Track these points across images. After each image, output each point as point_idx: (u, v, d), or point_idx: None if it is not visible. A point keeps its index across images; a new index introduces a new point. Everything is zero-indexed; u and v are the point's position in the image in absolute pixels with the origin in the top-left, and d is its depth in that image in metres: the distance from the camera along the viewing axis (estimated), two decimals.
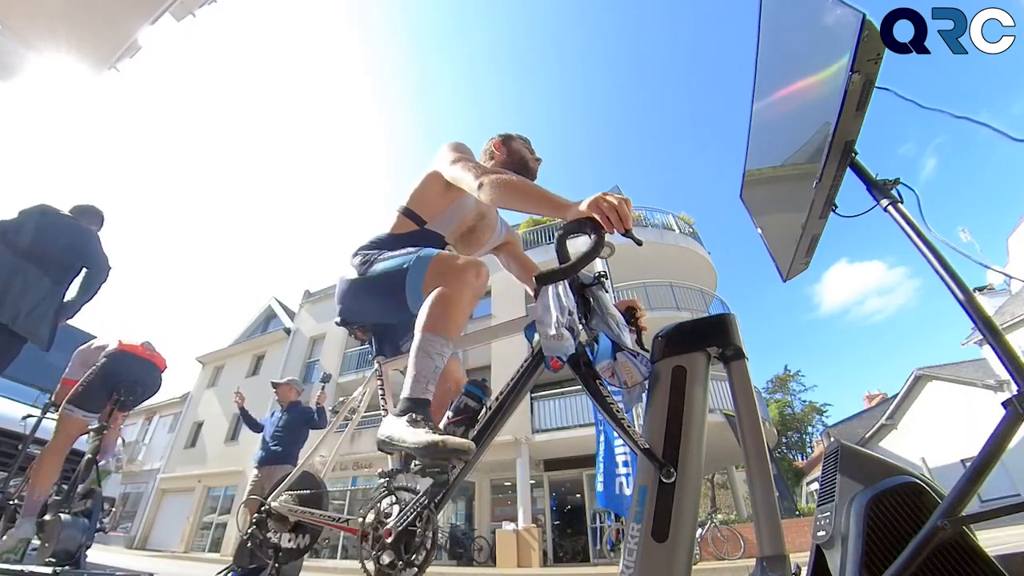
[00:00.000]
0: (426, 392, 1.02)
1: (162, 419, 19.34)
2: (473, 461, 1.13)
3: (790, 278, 1.35)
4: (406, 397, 1.01)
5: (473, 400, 1.29)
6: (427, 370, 1.02)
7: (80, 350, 3.03)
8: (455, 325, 1.07)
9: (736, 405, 0.99)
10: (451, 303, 1.07)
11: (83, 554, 2.36)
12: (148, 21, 2.92)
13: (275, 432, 3.94)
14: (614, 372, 1.08)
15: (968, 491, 0.69)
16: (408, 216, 1.38)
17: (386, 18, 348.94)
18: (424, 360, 1.02)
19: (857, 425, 20.25)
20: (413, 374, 1.02)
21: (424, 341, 1.04)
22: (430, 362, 1.02)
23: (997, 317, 12.77)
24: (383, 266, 1.22)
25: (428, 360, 1.02)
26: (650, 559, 0.88)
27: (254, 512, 1.55)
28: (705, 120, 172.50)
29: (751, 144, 1.50)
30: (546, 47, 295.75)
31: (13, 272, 2.41)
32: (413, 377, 1.02)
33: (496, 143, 1.51)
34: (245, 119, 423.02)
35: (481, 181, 1.13)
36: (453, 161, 1.26)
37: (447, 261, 1.13)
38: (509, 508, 10.39)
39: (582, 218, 0.96)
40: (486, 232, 1.49)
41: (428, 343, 1.04)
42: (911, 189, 0.92)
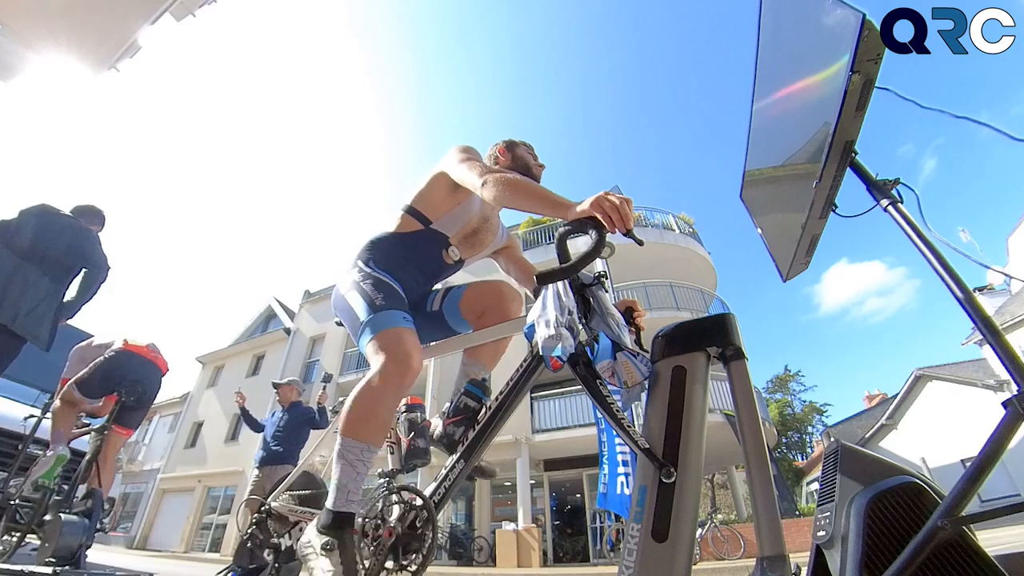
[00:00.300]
0: (348, 505, 1.01)
1: (162, 419, 19.34)
2: (473, 461, 1.13)
3: (790, 278, 1.35)
4: (328, 509, 1.00)
5: (473, 400, 1.30)
6: (349, 480, 1.01)
7: (78, 347, 3.03)
8: (377, 429, 1.05)
9: (736, 405, 0.99)
10: (372, 403, 1.04)
11: (83, 554, 2.36)
12: (148, 21, 2.92)
13: (276, 432, 3.95)
14: (614, 372, 1.08)
15: (968, 491, 0.69)
16: (413, 215, 1.38)
17: (386, 18, 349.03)
18: (346, 470, 1.01)
19: (857, 425, 20.26)
20: (335, 484, 1.01)
21: (344, 448, 1.03)
22: (351, 471, 1.01)
23: (997, 317, 12.77)
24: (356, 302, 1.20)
25: (350, 469, 1.01)
26: (650, 559, 0.88)
27: (254, 512, 1.55)
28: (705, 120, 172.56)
29: (751, 144, 1.50)
30: (546, 47, 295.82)
31: (13, 272, 2.42)
32: (335, 487, 1.01)
33: (500, 148, 1.53)
34: (245, 119, 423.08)
35: (485, 179, 1.14)
36: (459, 161, 1.28)
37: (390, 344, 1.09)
38: (509, 508, 10.39)
39: (583, 218, 0.96)
40: (488, 235, 1.50)
41: (348, 450, 1.03)
42: (911, 189, 0.92)
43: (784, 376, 32.29)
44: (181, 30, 3.08)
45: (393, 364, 1.06)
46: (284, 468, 3.62)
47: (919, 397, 15.53)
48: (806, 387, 35.02)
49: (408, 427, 1.38)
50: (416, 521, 1.04)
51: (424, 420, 1.39)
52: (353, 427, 1.04)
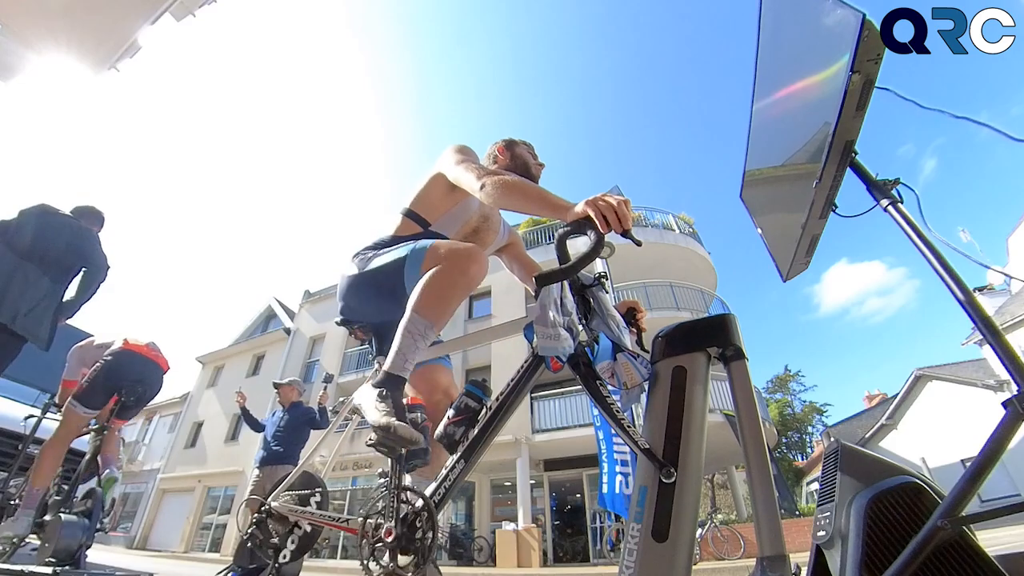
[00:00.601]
0: (403, 370, 1.05)
1: (162, 419, 19.34)
2: (473, 461, 1.13)
3: (790, 278, 1.35)
4: (384, 370, 1.05)
5: (473, 400, 1.29)
6: (409, 349, 1.05)
7: (77, 347, 3.02)
8: (444, 310, 1.09)
9: (736, 405, 0.99)
10: (444, 287, 1.07)
11: (83, 554, 2.36)
12: (148, 21, 2.92)
13: (276, 432, 3.95)
14: (614, 373, 1.08)
15: (968, 491, 0.69)
16: (411, 218, 1.38)
17: (386, 18, 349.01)
18: (407, 340, 1.06)
19: (857, 425, 20.26)
20: (395, 350, 1.05)
21: (411, 322, 1.06)
22: (412, 343, 1.05)
23: (997, 317, 12.77)
24: (381, 260, 1.22)
25: (411, 340, 1.05)
26: (650, 559, 0.88)
27: (254, 512, 1.55)
28: (705, 120, 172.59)
29: (751, 144, 1.50)
30: (547, 47, 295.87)
31: (13, 272, 2.42)
32: (395, 353, 1.05)
33: (500, 147, 1.53)
34: (245, 119, 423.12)
35: (483, 182, 1.13)
36: (456, 163, 1.27)
37: (444, 247, 1.12)
38: (509, 508, 10.40)
39: (581, 218, 0.96)
40: (490, 234, 1.49)
41: (414, 324, 1.06)
42: (911, 189, 0.92)
43: (784, 376, 32.31)
44: (181, 30, 3.08)
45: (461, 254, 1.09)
46: (284, 468, 3.62)
47: (919, 397, 15.53)
48: (806, 387, 35.10)
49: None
50: (416, 521, 1.04)
51: (424, 420, 1.39)
52: (425, 305, 1.06)
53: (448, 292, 1.08)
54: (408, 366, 1.06)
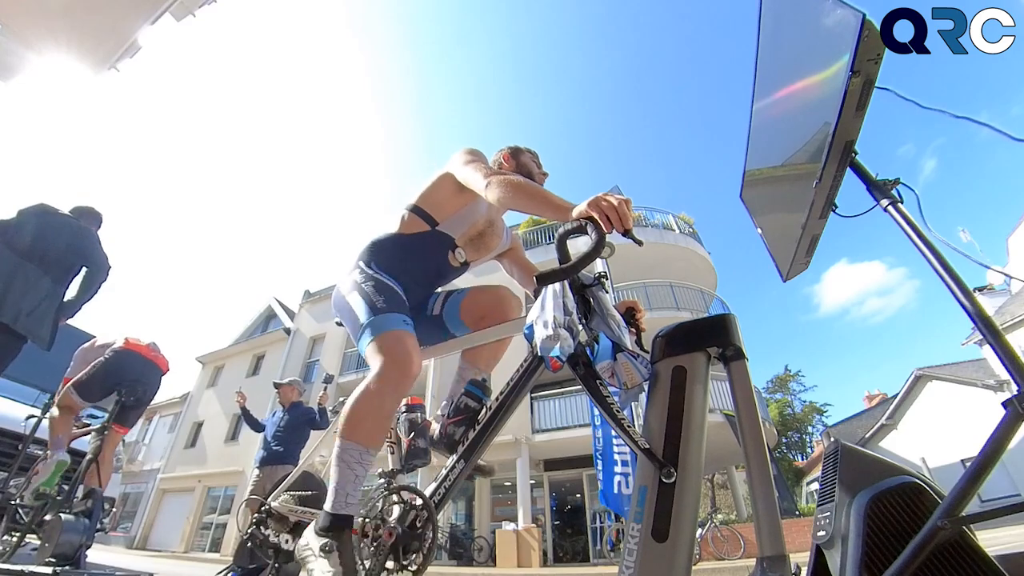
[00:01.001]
0: (347, 507, 1.01)
1: (162, 419, 19.34)
2: (473, 461, 1.13)
3: (790, 278, 1.35)
4: (327, 511, 1.01)
5: (473, 400, 1.29)
6: (348, 482, 1.01)
7: (82, 348, 3.04)
8: (375, 432, 1.06)
9: (736, 405, 0.99)
10: (372, 406, 1.05)
11: (83, 554, 2.36)
12: (148, 21, 2.92)
13: (276, 432, 3.95)
14: (614, 373, 1.08)
15: (968, 491, 0.69)
16: (419, 215, 1.37)
17: (386, 18, 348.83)
18: (344, 472, 1.02)
19: (857, 425, 20.25)
20: (333, 487, 1.02)
21: (343, 451, 1.03)
22: (350, 473, 1.02)
23: (997, 317, 12.77)
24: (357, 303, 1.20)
25: (348, 471, 1.02)
26: (650, 559, 0.88)
27: (254, 512, 1.55)
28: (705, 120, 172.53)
29: (751, 144, 1.50)
30: (547, 47, 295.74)
31: (14, 272, 2.42)
32: (334, 491, 1.02)
33: (505, 155, 1.54)
34: (245, 119, 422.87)
35: (489, 181, 1.15)
36: (465, 163, 1.29)
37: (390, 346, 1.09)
38: (509, 508, 10.39)
39: (582, 218, 0.96)
40: (494, 238, 1.50)
41: (347, 452, 1.03)
42: (911, 189, 0.92)
43: (784, 376, 32.30)
44: (181, 30, 3.08)
45: (392, 367, 1.06)
46: (284, 468, 3.62)
47: (919, 397, 15.53)
48: (806, 387, 35.06)
49: (408, 427, 1.38)
50: (416, 521, 1.04)
51: (424, 420, 1.40)
52: (352, 429, 1.04)
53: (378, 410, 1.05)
54: (352, 500, 1.01)
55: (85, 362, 2.92)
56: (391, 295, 1.21)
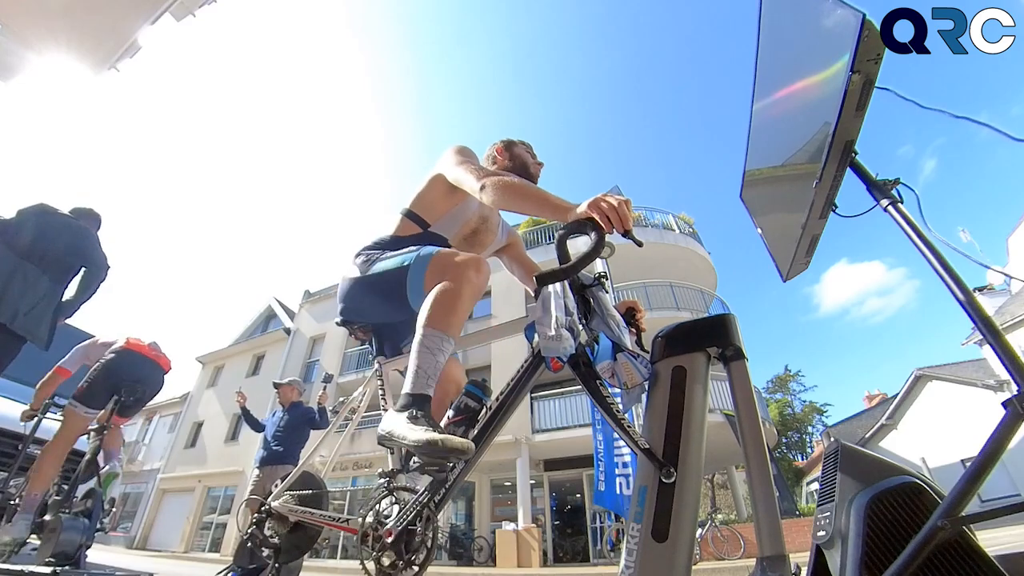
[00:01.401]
0: (427, 388, 1.01)
1: (162, 419, 19.34)
2: (473, 461, 1.13)
3: (790, 278, 1.35)
4: (407, 392, 1.01)
5: (473, 400, 1.29)
6: (429, 366, 1.02)
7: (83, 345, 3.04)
8: (456, 322, 1.08)
9: (736, 405, 0.99)
10: (452, 299, 1.07)
11: (83, 554, 2.36)
12: (148, 21, 2.92)
13: (276, 432, 3.95)
14: (614, 373, 1.08)
15: (968, 491, 0.69)
16: (411, 218, 1.39)
17: (386, 18, 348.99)
18: (426, 356, 1.02)
19: (857, 425, 20.25)
20: (414, 369, 1.02)
21: (426, 337, 1.04)
22: (431, 358, 1.02)
23: (997, 317, 12.77)
24: (384, 264, 1.22)
25: (430, 356, 1.02)
26: (650, 559, 0.88)
27: (254, 512, 1.55)
28: (705, 120, 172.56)
29: (751, 144, 1.50)
30: (547, 47, 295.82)
31: (13, 271, 2.42)
32: (414, 372, 1.02)
33: (499, 148, 1.53)
34: (245, 119, 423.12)
35: (483, 183, 1.14)
36: (456, 164, 1.28)
37: (448, 258, 1.13)
38: (509, 508, 10.39)
39: (582, 219, 0.96)
40: (488, 235, 1.50)
41: (430, 339, 1.04)
42: (911, 189, 0.92)
43: (784, 376, 32.30)
44: (181, 30, 3.08)
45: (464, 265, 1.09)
46: (284, 468, 3.63)
47: (919, 397, 15.53)
48: (806, 387, 35.10)
49: None
50: (416, 521, 1.04)
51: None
52: (437, 318, 1.05)
53: (457, 303, 1.07)
54: (431, 383, 1.03)
55: (84, 356, 2.92)
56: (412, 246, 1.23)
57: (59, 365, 2.94)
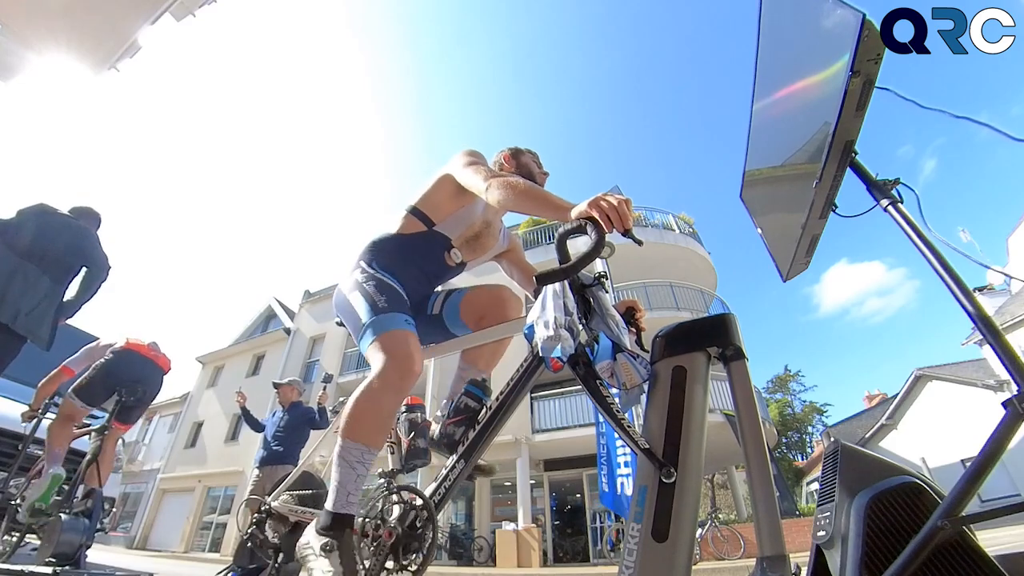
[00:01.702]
0: (348, 506, 1.01)
1: (162, 419, 19.34)
2: (473, 461, 1.13)
3: (790, 278, 1.35)
4: (328, 510, 1.01)
5: (473, 400, 1.29)
6: (349, 481, 1.01)
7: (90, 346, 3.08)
8: (376, 431, 1.06)
9: (736, 405, 0.99)
10: (373, 408, 1.05)
11: (83, 554, 2.36)
12: (148, 21, 2.92)
13: (276, 432, 3.95)
14: (613, 373, 1.08)
15: (968, 491, 0.69)
16: (417, 216, 1.39)
17: (387, 19, 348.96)
18: (346, 471, 1.02)
19: (857, 425, 20.25)
20: (335, 486, 1.02)
21: (344, 450, 1.03)
22: (351, 472, 1.02)
23: (997, 317, 12.77)
24: (358, 302, 1.21)
25: (350, 470, 1.02)
26: (650, 559, 0.88)
27: (254, 512, 1.55)
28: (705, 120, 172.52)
29: (751, 144, 1.51)
30: (547, 47, 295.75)
31: (13, 272, 2.42)
32: (335, 490, 1.02)
33: (506, 156, 1.55)
34: (245, 119, 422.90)
35: (489, 183, 1.16)
36: (466, 165, 1.29)
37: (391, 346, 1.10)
38: (509, 508, 10.39)
39: (582, 218, 0.96)
40: (491, 239, 1.50)
41: (348, 451, 1.03)
42: (911, 189, 0.92)
43: (784, 376, 32.30)
44: (181, 30, 3.09)
45: (394, 366, 1.06)
46: (284, 468, 3.63)
47: (919, 397, 15.53)
48: (806, 387, 35.06)
49: (408, 427, 1.38)
50: (416, 521, 1.04)
51: (424, 420, 1.40)
52: (353, 429, 1.04)
53: (378, 412, 1.05)
54: (353, 499, 1.01)
55: (89, 357, 2.96)
56: (393, 294, 1.21)
57: (65, 364, 2.98)
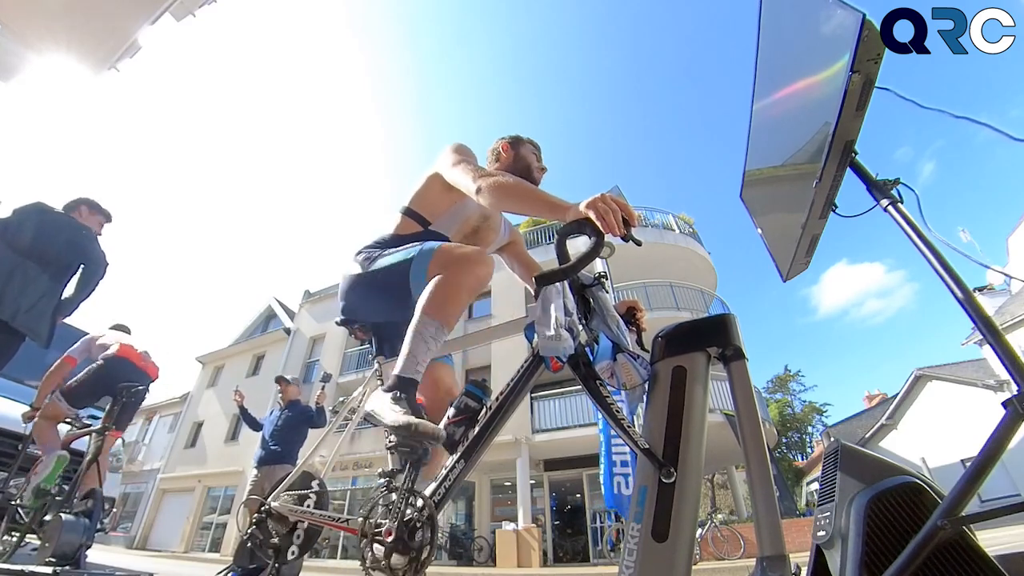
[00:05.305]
0: (415, 372, 1.05)
1: (162, 419, 19.34)
2: (473, 461, 1.13)
3: (790, 278, 1.35)
4: (396, 374, 1.04)
5: (473, 400, 1.29)
6: (420, 351, 1.05)
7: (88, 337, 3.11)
8: (453, 312, 1.09)
9: (736, 405, 0.99)
10: (453, 290, 1.08)
11: (83, 554, 2.36)
12: (148, 21, 2.92)
13: (274, 431, 3.95)
14: (614, 373, 1.07)
15: (968, 491, 0.69)
16: (411, 217, 1.38)
17: (387, 18, 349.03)
18: (418, 342, 1.05)
19: (857, 425, 20.24)
20: (406, 353, 1.05)
21: (420, 323, 1.06)
22: (423, 345, 1.05)
23: (997, 317, 12.76)
24: (387, 260, 1.23)
25: (422, 342, 1.05)
26: (650, 559, 0.88)
27: (254, 512, 1.55)
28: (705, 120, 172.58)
29: (751, 144, 1.50)
30: (546, 47, 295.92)
31: (12, 269, 2.42)
32: (406, 356, 1.05)
33: (504, 144, 1.52)
34: (245, 119, 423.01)
35: (479, 185, 1.13)
36: (453, 164, 1.27)
37: (451, 251, 1.13)
38: (509, 508, 10.39)
39: (581, 219, 0.96)
40: (490, 233, 1.49)
41: (424, 325, 1.06)
42: (911, 189, 0.92)
43: (784, 376, 32.29)
44: (181, 30, 3.08)
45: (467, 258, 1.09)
46: (283, 468, 3.62)
47: (919, 397, 15.52)
48: (806, 387, 35.06)
49: None
50: (416, 521, 1.04)
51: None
52: (434, 307, 1.07)
53: (457, 294, 1.08)
54: (420, 368, 1.05)
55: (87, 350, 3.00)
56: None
57: (67, 354, 3.00)
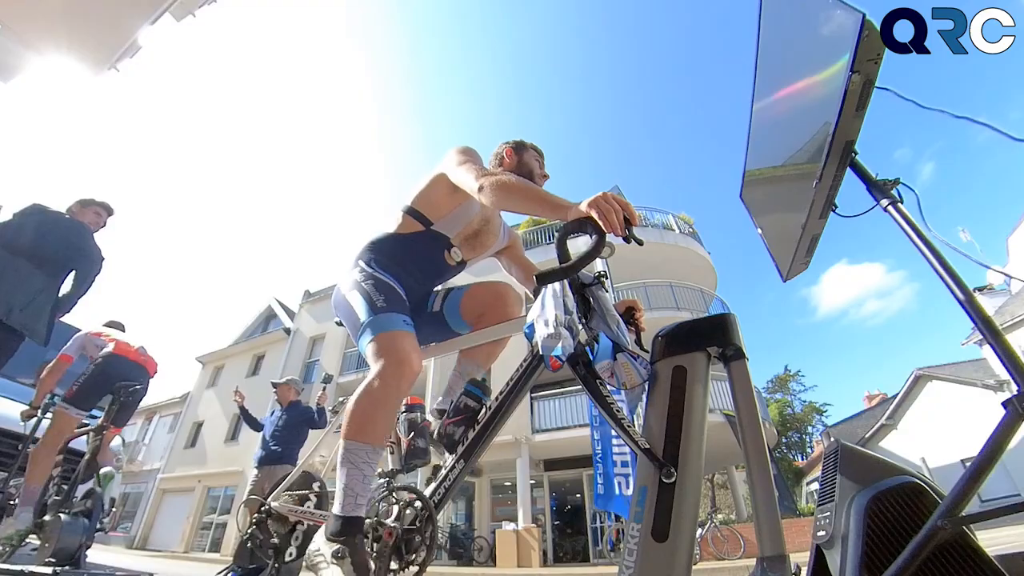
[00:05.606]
0: (357, 509, 0.99)
1: (162, 419, 19.33)
2: (473, 461, 1.13)
3: (790, 278, 1.35)
4: (336, 514, 0.99)
5: (473, 400, 1.29)
6: (356, 483, 1.00)
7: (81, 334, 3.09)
8: (380, 431, 1.05)
9: (736, 405, 0.99)
10: (373, 406, 1.04)
11: (83, 554, 2.36)
12: (148, 21, 2.92)
13: (275, 432, 3.95)
14: (613, 372, 1.08)
15: (968, 491, 0.69)
16: (414, 216, 1.38)
17: (386, 18, 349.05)
18: (352, 472, 1.00)
19: (857, 425, 20.24)
20: (342, 488, 1.00)
21: (348, 451, 1.02)
22: (358, 473, 1.00)
23: (997, 317, 12.76)
24: (357, 301, 1.20)
25: (356, 471, 1.00)
26: (650, 559, 0.88)
27: (254, 512, 1.55)
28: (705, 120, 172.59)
29: (751, 144, 1.50)
30: (546, 47, 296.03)
31: (4, 267, 2.40)
32: (342, 492, 1.00)
33: (508, 149, 1.52)
34: (245, 119, 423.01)
35: (481, 183, 1.13)
36: (458, 164, 1.28)
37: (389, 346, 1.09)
38: (509, 508, 10.39)
39: (582, 218, 0.96)
40: (490, 236, 1.49)
41: (352, 452, 1.01)
42: (911, 189, 0.92)
43: (784, 376, 32.27)
44: (181, 30, 3.08)
45: (392, 366, 1.06)
46: (283, 468, 3.63)
47: (919, 397, 15.52)
48: (806, 387, 34.97)
49: (408, 427, 1.38)
50: (416, 521, 1.04)
51: (424, 420, 1.40)
52: (356, 429, 1.03)
53: (383, 405, 1.05)
54: (361, 501, 1.00)
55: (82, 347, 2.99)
56: (391, 294, 1.20)
57: (62, 352, 2.98)
